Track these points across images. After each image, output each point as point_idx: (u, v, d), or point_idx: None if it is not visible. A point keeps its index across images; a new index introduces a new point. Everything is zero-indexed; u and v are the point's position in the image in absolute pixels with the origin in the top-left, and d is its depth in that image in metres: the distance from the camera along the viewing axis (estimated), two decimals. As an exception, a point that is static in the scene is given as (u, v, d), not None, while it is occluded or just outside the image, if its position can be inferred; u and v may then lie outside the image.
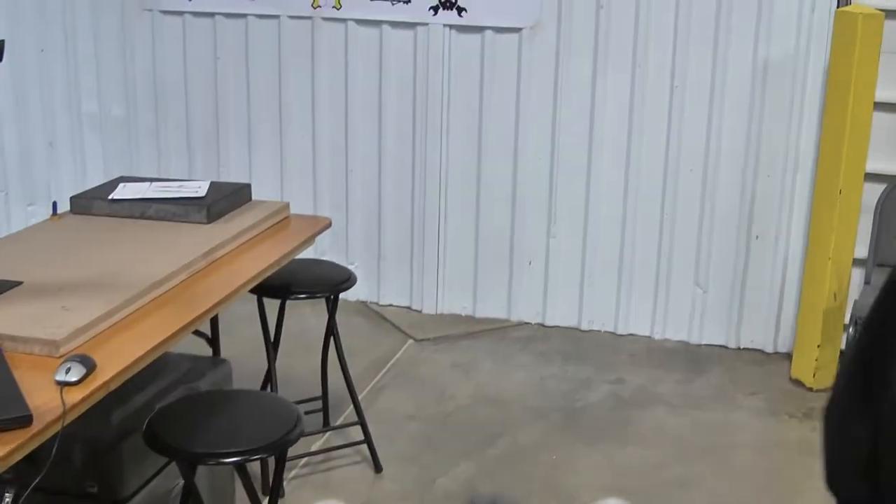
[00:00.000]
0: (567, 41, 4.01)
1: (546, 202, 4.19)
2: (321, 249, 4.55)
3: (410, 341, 4.14)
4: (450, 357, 3.98)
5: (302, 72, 4.39)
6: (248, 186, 2.98)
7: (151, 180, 3.00)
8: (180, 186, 2.93)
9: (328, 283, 2.98)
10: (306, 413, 3.26)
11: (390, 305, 4.52)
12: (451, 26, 4.15)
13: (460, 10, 4.11)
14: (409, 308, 4.49)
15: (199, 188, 2.90)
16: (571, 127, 4.08)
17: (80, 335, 1.98)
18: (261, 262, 2.55)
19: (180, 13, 4.56)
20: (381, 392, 3.66)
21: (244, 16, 4.45)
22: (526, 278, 4.30)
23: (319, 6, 4.31)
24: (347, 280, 3.00)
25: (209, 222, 2.72)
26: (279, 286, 2.91)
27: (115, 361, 1.91)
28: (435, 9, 4.14)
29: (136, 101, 4.73)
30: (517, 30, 4.08)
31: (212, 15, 4.50)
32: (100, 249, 2.49)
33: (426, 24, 4.18)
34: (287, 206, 2.97)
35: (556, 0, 4.00)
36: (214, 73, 4.54)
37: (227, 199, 2.83)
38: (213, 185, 2.94)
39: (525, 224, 4.24)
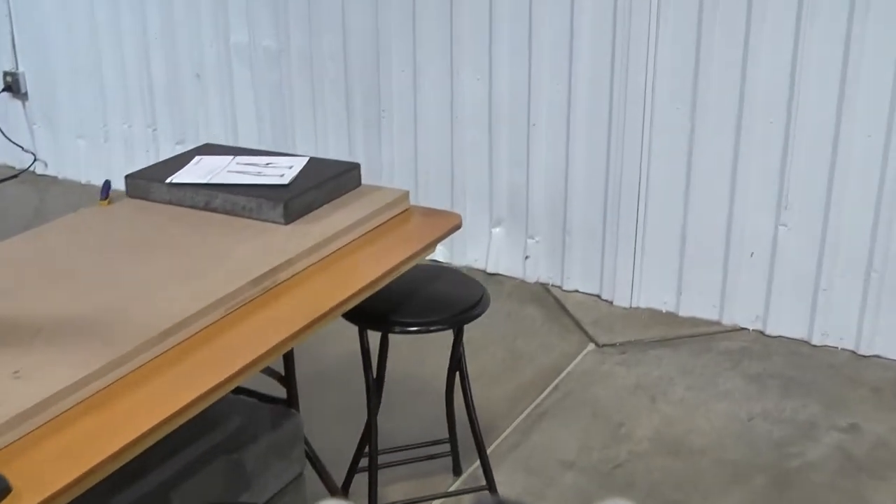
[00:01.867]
0: (819, -32, 3.10)
1: (776, 180, 3.33)
2: (497, 217, 3.89)
3: (591, 346, 3.43)
4: (636, 373, 3.26)
5: (479, 1, 3.69)
6: (356, 168, 2.34)
7: (238, 152, 2.42)
8: (267, 164, 2.33)
9: (450, 309, 2.30)
10: (432, 457, 2.66)
11: (575, 292, 3.81)
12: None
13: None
14: (597, 297, 3.77)
15: (289, 168, 2.30)
16: (812, 88, 3.18)
17: (13, 428, 1.42)
18: (348, 284, 1.93)
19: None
20: (539, 421, 3.00)
21: (414, -72, 3.77)
22: (745, 272, 3.48)
23: (502, -83, 3.58)
24: (478, 304, 2.32)
25: (287, 223, 2.12)
26: (381, 313, 2.26)
27: (48, 481, 1.34)
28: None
29: (288, 28, 4.17)
30: (752, -49, 3.20)
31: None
32: (128, 260, 1.94)
33: (633, -59, 3.37)
34: (406, 196, 2.32)
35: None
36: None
37: (319, 188, 2.21)
38: (311, 165, 2.32)
39: (747, 205, 3.41)
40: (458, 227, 2.29)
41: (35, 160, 5.25)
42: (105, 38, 4.76)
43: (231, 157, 2.39)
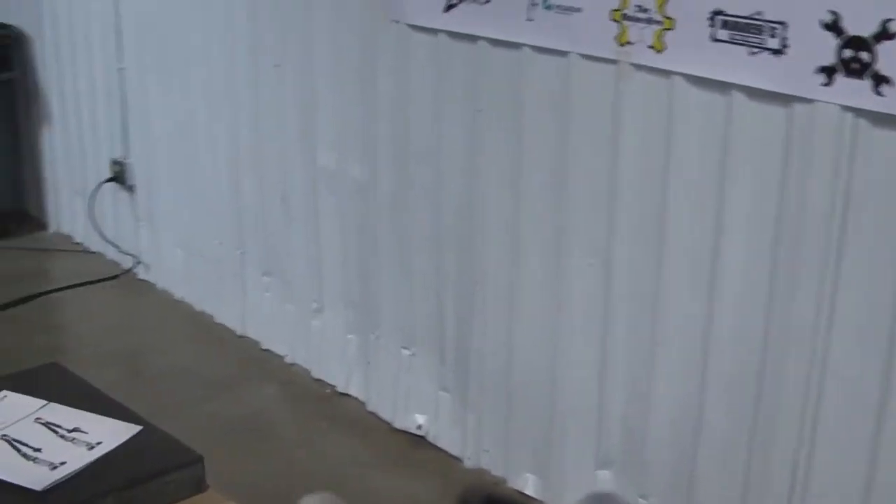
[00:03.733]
0: None
1: None
2: (605, 456, 2.81)
3: None
4: None
5: (598, 141, 2.63)
6: (195, 465, 1.41)
7: (69, 393, 1.60)
8: (73, 430, 1.53)
9: None
10: None
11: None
12: (857, 111, 2.13)
13: (880, 79, 2.07)
14: None
15: (89, 449, 1.46)
16: None
17: None
18: None
19: (433, 31, 2.99)
20: None
21: (518, 46, 2.76)
22: None
23: (629, 43, 2.50)
24: None
25: None
26: None
27: None
28: (828, 72, 2.14)
29: (377, 155, 3.27)
30: None
31: (474, 39, 2.87)
32: None
33: (810, 100, 2.19)
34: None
35: None
36: (472, 125, 2.94)
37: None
38: (133, 446, 1.44)
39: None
40: None
41: (138, 263, 4.65)
42: (202, 143, 4.07)
43: (44, 403, 1.58)
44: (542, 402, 2.95)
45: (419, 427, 3.36)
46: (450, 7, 2.91)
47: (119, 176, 4.59)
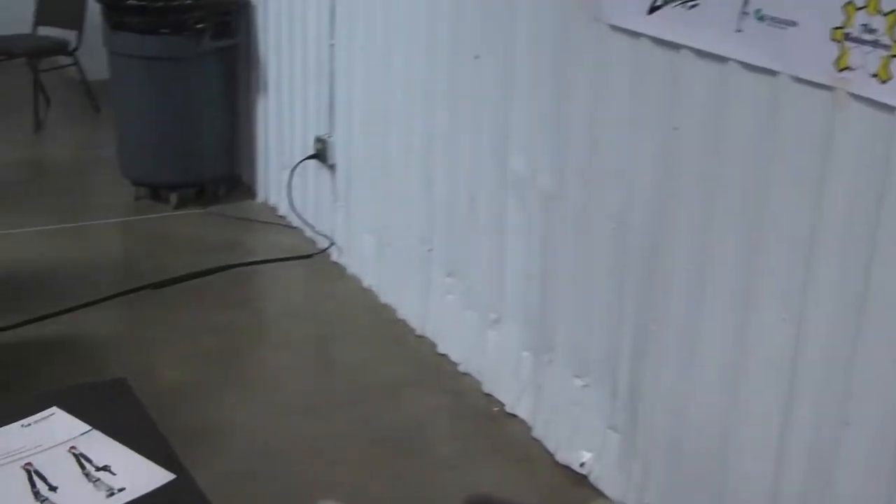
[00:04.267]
0: None
1: None
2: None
3: None
4: None
5: (803, 179, 2.26)
6: None
7: (116, 421, 1.48)
8: (102, 468, 1.43)
9: None
10: None
11: None
12: None
13: None
14: None
15: (109, 495, 1.30)
16: None
17: None
18: None
19: (634, 34, 2.68)
20: None
21: (723, 59, 2.42)
22: None
23: (849, 68, 2.12)
24: None
25: None
26: None
27: None
28: None
29: (566, 164, 3.01)
30: None
31: (676, 47, 2.55)
32: None
33: None
34: None
35: None
36: (666, 144, 2.62)
37: None
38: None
39: None
40: None
41: (332, 244, 4.57)
42: (398, 129, 3.92)
43: (86, 429, 1.48)
44: (714, 460, 2.62)
45: (582, 465, 3.09)
46: (654, 9, 2.60)
47: (321, 153, 4.51)
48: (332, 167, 4.48)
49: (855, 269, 2.17)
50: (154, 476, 1.41)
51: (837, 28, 2.13)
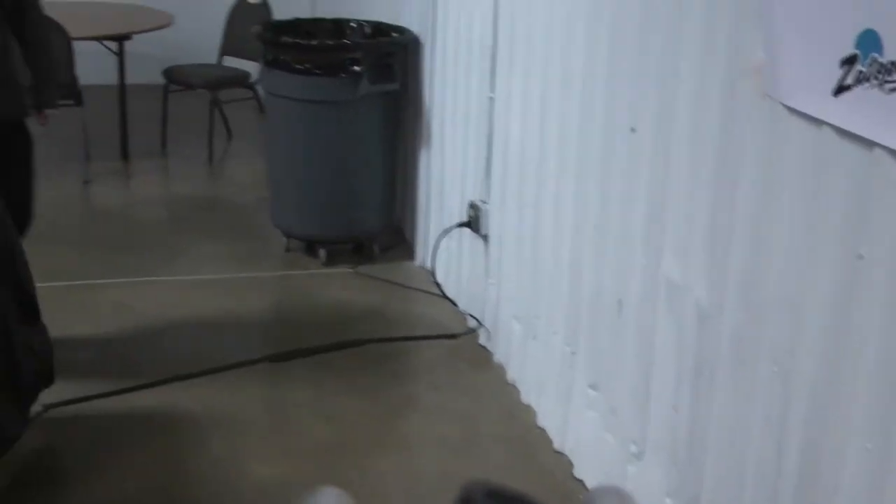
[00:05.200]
0: None
1: None
2: None
3: None
4: None
5: None
6: None
7: None
8: None
9: None
10: None
11: None
12: None
13: None
14: None
15: None
16: None
17: None
18: None
19: (815, 121, 2.02)
20: None
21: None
22: None
23: None
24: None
25: None
26: None
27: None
28: None
29: (726, 276, 2.36)
30: None
31: (869, 145, 1.88)
32: None
33: None
34: None
35: None
36: (849, 275, 1.94)
37: None
38: None
39: None
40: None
41: (480, 326, 4.03)
42: (549, 205, 3.35)
43: None
44: None
45: None
46: (841, 89, 1.93)
47: (473, 221, 3.99)
48: (485, 238, 3.94)
49: None
50: None
51: None
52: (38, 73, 3.49)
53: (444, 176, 4.41)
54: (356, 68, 4.33)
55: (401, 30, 4.68)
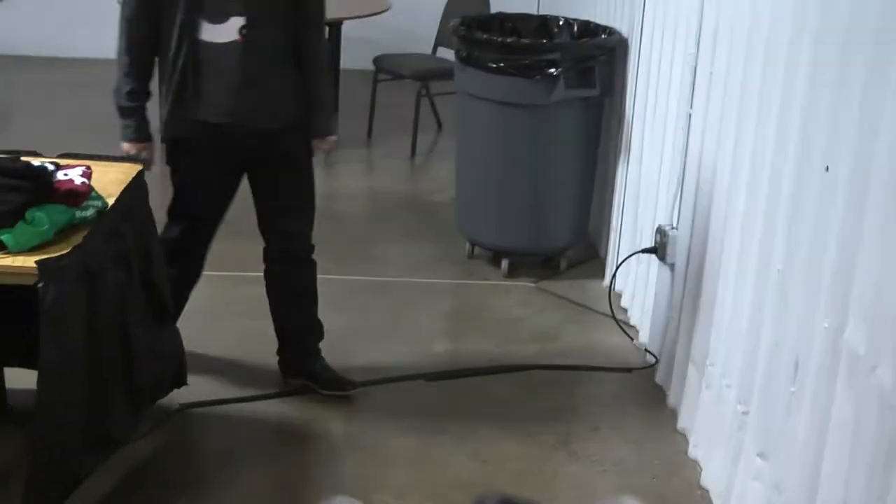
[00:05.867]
0: None
1: None
2: None
3: None
4: None
5: None
6: None
7: None
8: None
9: None
10: None
11: None
12: None
13: None
14: None
15: None
16: None
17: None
18: None
19: None
20: None
21: None
22: None
23: None
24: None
25: None
26: None
27: None
28: None
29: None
30: None
31: None
32: None
33: None
34: None
35: None
36: None
37: None
38: None
39: None
40: None
41: (656, 362, 3.67)
42: (735, 240, 2.97)
43: None
44: None
45: None
46: None
47: (660, 248, 3.63)
48: (671, 267, 3.59)
49: None
50: None
51: None
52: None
53: (640, 193, 4.07)
54: (552, 71, 4.04)
55: (609, 31, 4.36)
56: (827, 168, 2.37)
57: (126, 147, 3.20)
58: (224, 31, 3.06)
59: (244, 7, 3.06)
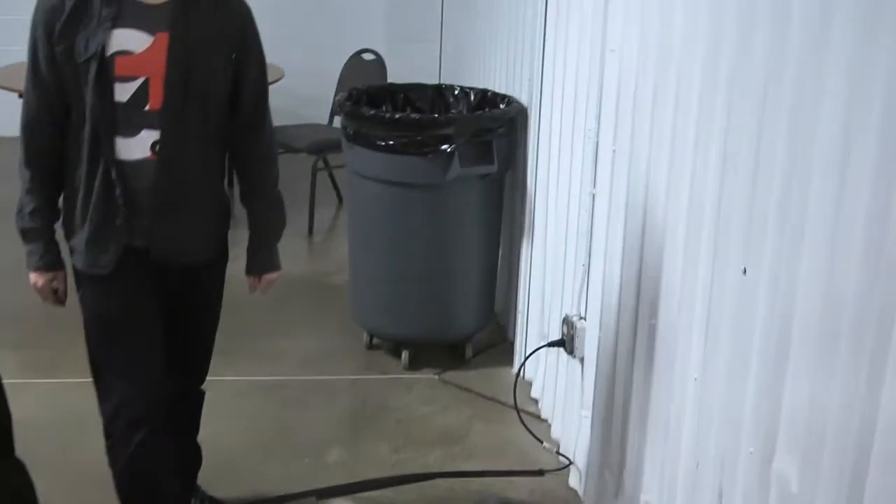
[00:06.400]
0: None
1: None
2: None
3: None
4: None
5: None
6: None
7: None
8: None
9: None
10: None
11: None
12: None
13: None
14: None
15: None
16: None
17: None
18: None
19: None
20: None
21: None
22: None
23: None
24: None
25: None
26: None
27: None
28: None
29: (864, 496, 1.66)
30: None
31: None
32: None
33: None
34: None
35: None
36: None
37: None
38: None
39: None
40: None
41: (570, 463, 3.35)
42: (647, 343, 2.68)
43: None
44: None
45: None
46: None
47: (567, 341, 3.33)
48: (581, 361, 3.29)
49: None
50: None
51: None
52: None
53: (546, 277, 3.76)
54: (445, 147, 3.74)
55: (509, 100, 4.07)
56: (744, 270, 2.08)
57: (33, 278, 2.59)
58: (136, 147, 2.48)
59: (157, 118, 2.47)
